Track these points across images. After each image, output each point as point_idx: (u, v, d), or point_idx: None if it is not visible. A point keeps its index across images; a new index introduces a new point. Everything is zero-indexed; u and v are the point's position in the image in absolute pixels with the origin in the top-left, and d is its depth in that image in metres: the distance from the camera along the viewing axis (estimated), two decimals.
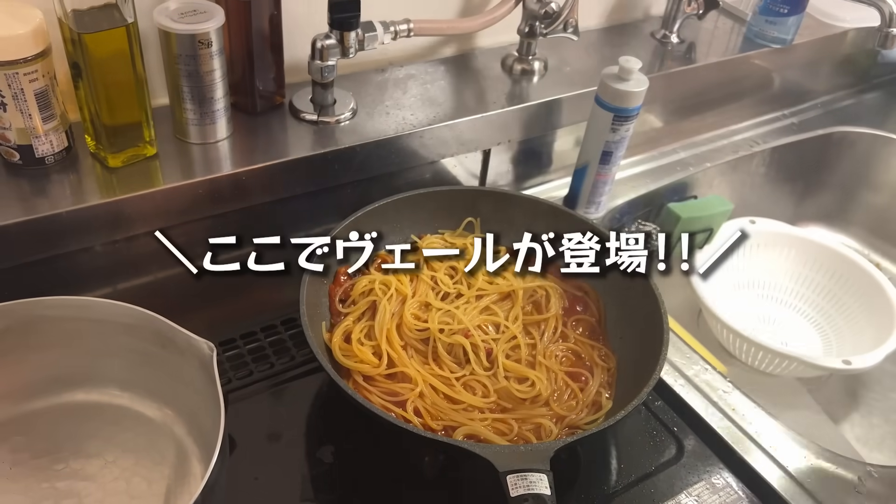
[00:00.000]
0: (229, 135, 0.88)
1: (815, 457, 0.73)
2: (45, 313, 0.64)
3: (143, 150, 0.82)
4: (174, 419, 0.68)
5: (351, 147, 0.90)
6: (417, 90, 1.01)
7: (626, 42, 1.21)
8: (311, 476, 0.68)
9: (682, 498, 0.69)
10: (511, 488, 0.56)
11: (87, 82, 0.74)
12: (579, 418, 0.70)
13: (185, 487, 0.63)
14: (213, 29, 0.77)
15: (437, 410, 0.69)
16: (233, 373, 0.75)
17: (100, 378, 0.68)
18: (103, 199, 0.79)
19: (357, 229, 0.79)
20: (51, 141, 0.77)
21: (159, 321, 0.62)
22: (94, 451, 0.65)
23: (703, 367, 0.81)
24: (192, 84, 0.80)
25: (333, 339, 0.73)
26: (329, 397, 0.75)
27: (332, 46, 0.86)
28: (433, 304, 0.77)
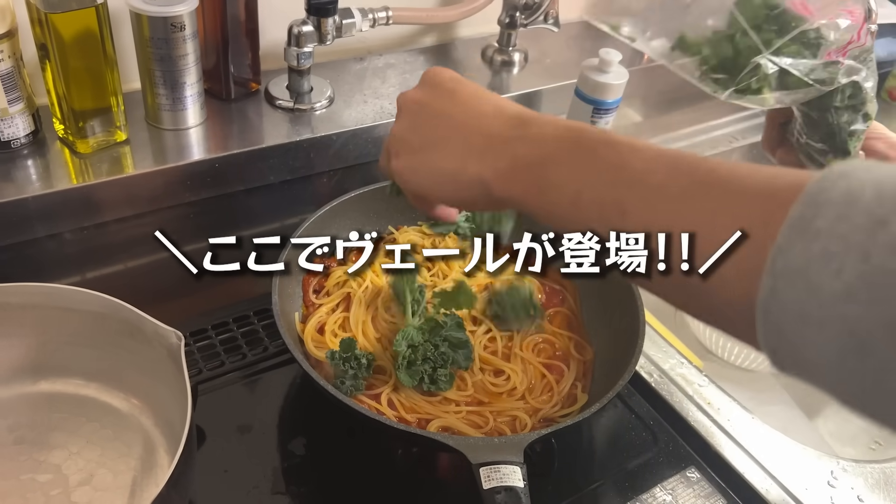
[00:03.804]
0: (203, 121, 0.86)
1: (788, 451, 0.73)
2: (9, 300, 0.63)
3: (113, 136, 0.80)
4: (141, 410, 0.66)
5: (327, 135, 0.89)
6: (396, 79, 1.00)
7: (606, 35, 1.21)
8: (283, 468, 0.67)
9: (657, 491, 0.68)
10: (484, 480, 0.55)
11: (55, 64, 0.72)
12: (554, 411, 0.70)
13: (151, 479, 0.61)
14: (187, 12, 0.76)
15: (411, 403, 0.68)
16: (204, 363, 0.73)
17: (65, 367, 0.67)
18: (71, 185, 0.77)
19: (332, 219, 0.78)
20: (17, 124, 0.75)
21: (126, 309, 0.61)
22: (58, 443, 0.64)
23: (680, 361, 0.81)
24: (165, 68, 0.79)
25: (306, 331, 0.72)
26: (302, 389, 0.74)
27: (308, 33, 0.85)
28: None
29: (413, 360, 0.68)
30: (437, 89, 0.51)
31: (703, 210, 0.37)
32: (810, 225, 0.31)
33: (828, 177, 0.32)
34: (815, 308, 0.30)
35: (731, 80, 0.67)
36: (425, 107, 0.50)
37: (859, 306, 0.29)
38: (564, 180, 0.43)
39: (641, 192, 0.40)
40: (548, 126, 0.46)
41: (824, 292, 0.30)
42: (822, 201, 0.31)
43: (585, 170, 0.42)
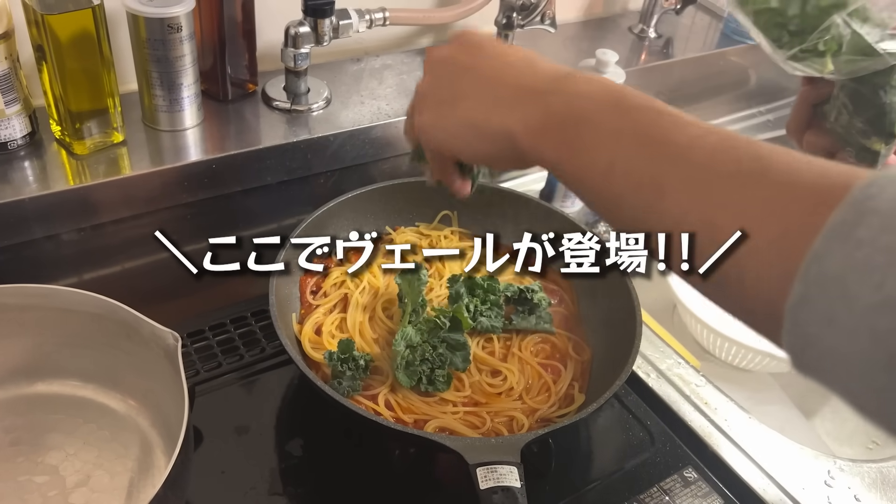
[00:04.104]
0: (200, 122, 0.86)
1: (785, 451, 0.73)
2: (6, 301, 0.63)
3: (110, 137, 0.80)
4: (138, 411, 0.66)
5: (324, 136, 0.89)
6: (394, 80, 1.00)
7: (603, 36, 1.21)
8: (280, 469, 0.67)
9: (654, 491, 0.68)
10: (480, 480, 0.55)
11: (52, 66, 0.72)
12: (551, 411, 0.70)
13: (148, 480, 0.61)
14: (184, 13, 0.76)
15: (408, 403, 0.68)
16: (201, 364, 0.73)
17: (62, 369, 0.67)
18: (68, 186, 0.77)
19: (330, 220, 0.78)
20: (14, 125, 0.75)
21: (123, 310, 0.61)
22: (55, 444, 0.64)
23: (677, 361, 0.81)
24: (162, 70, 0.79)
25: (304, 332, 0.72)
26: (299, 390, 0.74)
27: (305, 34, 0.85)
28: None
29: (411, 361, 0.68)
30: (464, 45, 0.49)
31: (745, 201, 0.34)
32: (852, 232, 0.29)
33: (876, 182, 0.30)
34: (846, 316, 0.29)
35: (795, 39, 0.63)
36: (451, 62, 0.48)
37: (894, 321, 0.28)
38: (599, 145, 0.40)
39: (684, 171, 0.37)
40: (586, 83, 0.42)
41: (860, 303, 0.29)
42: (867, 209, 0.29)
43: (623, 137, 0.39)
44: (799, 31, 0.62)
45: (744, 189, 0.35)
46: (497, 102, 0.45)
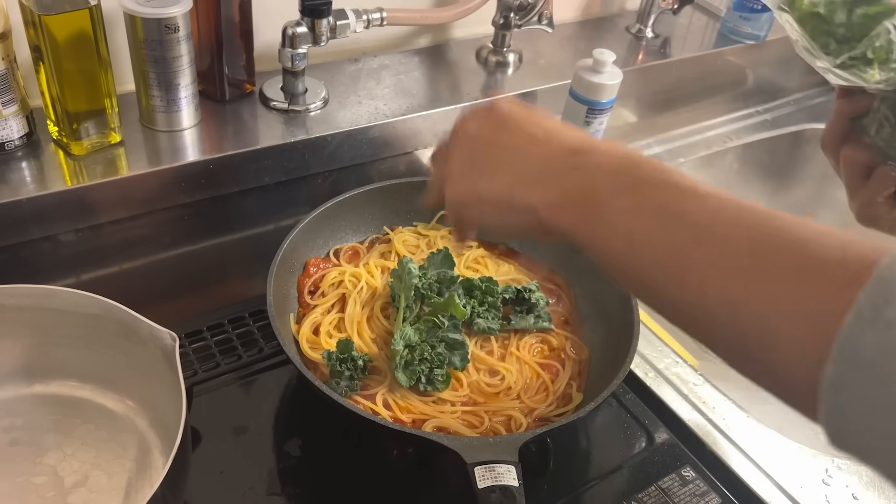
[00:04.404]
0: (197, 122, 0.86)
1: (783, 450, 0.73)
2: (3, 302, 0.62)
3: (107, 138, 0.80)
4: (136, 411, 0.66)
5: (322, 136, 0.89)
6: (391, 80, 1.01)
7: (600, 36, 1.21)
8: (278, 469, 0.67)
9: (652, 490, 0.68)
10: (479, 480, 0.55)
11: (49, 66, 0.72)
12: (549, 410, 0.70)
13: (146, 480, 0.61)
14: (181, 13, 0.76)
15: (406, 403, 0.68)
16: (199, 365, 0.73)
17: (60, 369, 0.67)
18: (66, 187, 0.77)
19: (327, 220, 0.78)
20: (11, 126, 0.75)
21: (121, 311, 0.61)
22: (52, 445, 0.64)
23: (675, 360, 0.81)
24: (159, 70, 0.79)
25: (301, 332, 0.72)
26: (297, 390, 0.74)
27: (303, 34, 0.85)
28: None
29: (410, 361, 0.68)
30: (492, 120, 0.51)
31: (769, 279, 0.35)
32: (880, 314, 0.29)
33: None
34: (883, 399, 0.29)
35: (843, 46, 0.59)
36: (479, 139, 0.51)
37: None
38: (616, 220, 0.41)
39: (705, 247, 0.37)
40: (604, 156, 0.44)
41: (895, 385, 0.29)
42: (894, 289, 0.30)
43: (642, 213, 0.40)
44: (846, 38, 0.60)
45: (767, 266, 0.35)
46: (520, 180, 0.47)
